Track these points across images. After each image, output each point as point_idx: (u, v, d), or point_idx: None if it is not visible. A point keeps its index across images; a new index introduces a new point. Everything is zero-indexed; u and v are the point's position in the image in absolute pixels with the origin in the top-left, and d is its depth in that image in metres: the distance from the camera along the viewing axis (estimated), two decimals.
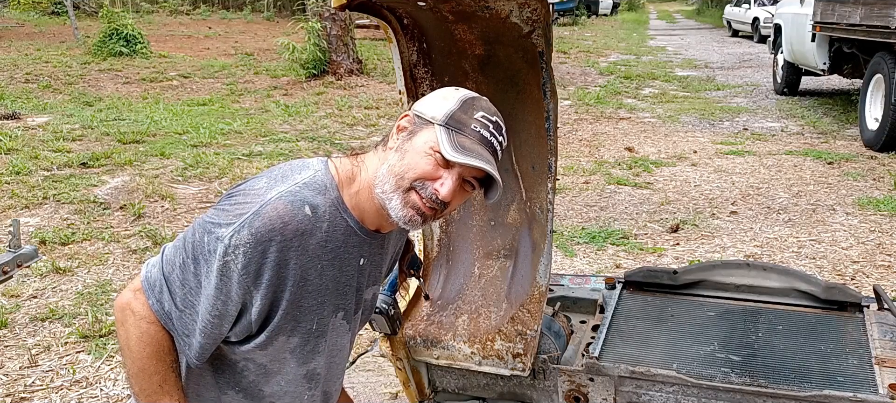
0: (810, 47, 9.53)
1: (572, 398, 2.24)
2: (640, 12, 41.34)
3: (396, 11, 2.11)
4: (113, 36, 14.68)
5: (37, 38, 17.44)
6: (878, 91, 7.81)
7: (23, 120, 9.10)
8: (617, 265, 4.71)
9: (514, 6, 1.87)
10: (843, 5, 8.30)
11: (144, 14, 23.38)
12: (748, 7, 22.88)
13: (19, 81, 11.92)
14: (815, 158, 7.42)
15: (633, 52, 19.10)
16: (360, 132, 9.08)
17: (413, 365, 2.37)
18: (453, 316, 2.31)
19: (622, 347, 2.38)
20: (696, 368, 2.22)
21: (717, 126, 9.38)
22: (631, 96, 11.91)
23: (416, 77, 2.26)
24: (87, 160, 7.14)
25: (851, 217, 5.57)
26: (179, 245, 1.44)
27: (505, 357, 2.20)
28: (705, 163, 7.36)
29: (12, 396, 3.28)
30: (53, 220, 5.56)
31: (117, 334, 1.48)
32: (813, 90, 11.77)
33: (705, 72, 14.82)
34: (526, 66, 2.06)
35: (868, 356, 2.24)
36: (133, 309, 1.43)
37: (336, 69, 12.90)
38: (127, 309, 1.43)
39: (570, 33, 24.12)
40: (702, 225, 5.45)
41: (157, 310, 1.42)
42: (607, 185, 6.58)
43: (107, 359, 3.57)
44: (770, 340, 2.39)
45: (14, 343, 3.75)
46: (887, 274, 4.50)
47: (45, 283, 4.46)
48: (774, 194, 6.22)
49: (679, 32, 27.17)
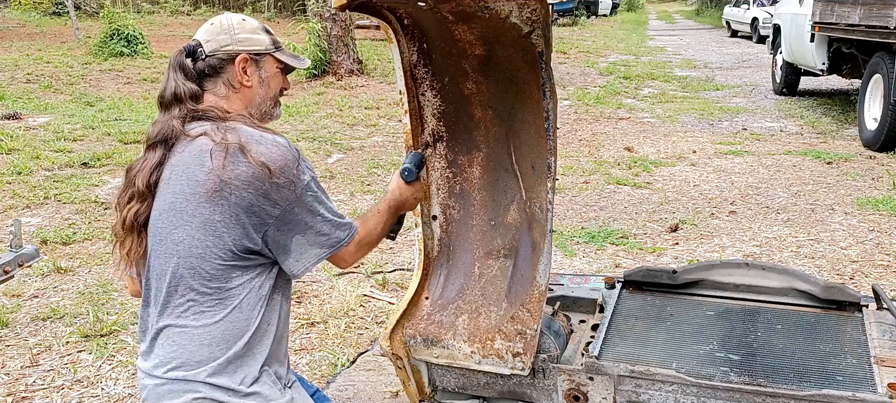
0: (809, 47, 9.53)
1: (572, 397, 2.25)
2: (639, 13, 41.35)
3: (396, 12, 2.12)
4: (114, 36, 14.70)
5: (38, 38, 17.45)
6: (876, 91, 7.82)
7: (24, 120, 9.11)
8: (616, 264, 4.72)
9: (514, 6, 1.88)
10: (842, 5, 8.31)
11: (145, 14, 23.40)
12: (747, 7, 22.90)
13: (20, 82, 11.93)
14: (814, 158, 7.42)
15: (632, 52, 19.11)
16: (360, 132, 9.09)
17: (413, 364, 2.37)
18: (453, 316, 2.32)
19: (622, 346, 2.39)
20: (695, 367, 2.23)
21: (717, 126, 9.38)
22: (630, 96, 11.91)
23: (416, 77, 2.27)
24: (89, 160, 7.16)
25: (850, 216, 5.58)
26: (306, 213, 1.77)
27: (505, 356, 2.21)
28: (704, 163, 7.37)
29: (14, 395, 3.29)
30: (55, 220, 5.57)
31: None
32: (812, 90, 11.78)
33: (704, 73, 14.83)
34: (526, 66, 2.07)
35: (867, 355, 2.25)
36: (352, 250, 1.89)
37: (336, 69, 12.92)
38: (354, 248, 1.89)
39: (569, 33, 24.13)
40: (701, 225, 5.46)
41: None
42: (607, 185, 6.59)
43: (108, 359, 3.58)
44: (769, 339, 2.40)
45: (15, 342, 3.76)
46: (886, 273, 4.51)
47: (47, 283, 4.47)
48: (773, 194, 6.23)
49: (678, 33, 27.17)
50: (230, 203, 1.68)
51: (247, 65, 1.85)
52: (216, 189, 1.67)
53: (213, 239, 1.70)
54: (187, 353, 1.71)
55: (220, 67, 1.83)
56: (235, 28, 1.86)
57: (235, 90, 1.85)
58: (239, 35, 1.85)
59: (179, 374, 1.70)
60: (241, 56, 1.84)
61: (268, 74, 1.90)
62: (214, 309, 1.72)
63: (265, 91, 1.90)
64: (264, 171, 1.68)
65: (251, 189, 1.68)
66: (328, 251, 1.82)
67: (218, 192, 1.68)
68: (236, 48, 1.84)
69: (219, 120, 1.76)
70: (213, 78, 1.84)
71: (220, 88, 1.84)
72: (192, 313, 1.72)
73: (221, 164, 1.68)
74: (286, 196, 1.72)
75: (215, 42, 1.83)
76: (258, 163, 1.68)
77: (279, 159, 1.71)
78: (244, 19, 1.89)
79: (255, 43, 1.87)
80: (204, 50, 1.83)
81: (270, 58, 1.90)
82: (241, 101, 1.86)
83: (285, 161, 1.71)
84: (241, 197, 1.68)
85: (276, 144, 1.73)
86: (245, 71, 1.85)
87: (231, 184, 1.67)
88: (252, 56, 1.86)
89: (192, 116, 1.77)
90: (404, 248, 4.98)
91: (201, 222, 1.70)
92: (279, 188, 1.70)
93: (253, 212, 1.70)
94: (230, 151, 1.68)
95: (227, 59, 1.84)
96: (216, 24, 1.87)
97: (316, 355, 3.61)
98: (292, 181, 1.72)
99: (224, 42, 1.83)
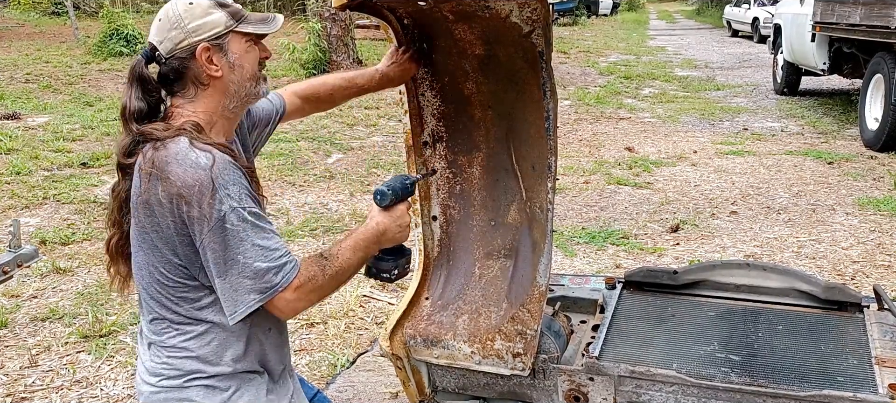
0: (810, 47, 9.53)
1: (572, 397, 2.25)
2: (639, 12, 41.35)
3: (396, 11, 2.11)
4: (113, 36, 14.66)
5: (37, 38, 17.44)
6: (877, 91, 7.81)
7: (23, 120, 9.10)
8: (617, 265, 4.71)
9: (514, 6, 1.87)
10: (843, 5, 8.31)
11: (145, 14, 23.32)
12: (748, 7, 22.89)
13: (19, 81, 11.92)
14: (815, 158, 7.42)
15: (632, 52, 19.11)
16: (360, 132, 9.08)
17: (413, 365, 2.37)
18: (453, 316, 2.31)
19: (622, 347, 2.38)
20: (695, 368, 2.22)
21: (717, 126, 9.38)
22: (631, 96, 11.91)
23: (416, 77, 2.26)
24: (88, 160, 7.15)
25: (851, 217, 5.58)
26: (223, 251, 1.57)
27: (505, 356, 2.20)
28: (705, 163, 7.37)
29: (13, 396, 3.28)
30: (54, 220, 5.56)
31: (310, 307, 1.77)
32: (813, 90, 11.77)
33: (705, 73, 14.83)
34: (526, 65, 2.06)
35: (868, 356, 2.24)
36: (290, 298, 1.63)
37: (336, 69, 12.92)
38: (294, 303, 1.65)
39: (570, 33, 24.13)
40: (702, 225, 5.45)
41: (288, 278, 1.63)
42: (607, 185, 6.58)
43: (107, 359, 3.58)
44: (770, 340, 2.39)
45: (14, 343, 3.75)
46: (887, 273, 4.51)
47: (46, 283, 4.46)
48: (774, 194, 6.23)
49: (679, 32, 27.17)
50: (161, 227, 1.57)
51: (210, 53, 1.63)
52: (146, 213, 1.58)
53: (165, 263, 1.61)
54: (176, 366, 1.68)
55: (182, 68, 1.64)
56: (184, 18, 1.62)
57: (205, 86, 1.65)
58: (190, 25, 1.62)
59: (172, 383, 1.68)
60: (199, 47, 1.62)
61: (237, 55, 1.67)
62: (193, 329, 1.66)
63: (239, 74, 1.68)
64: (178, 197, 1.53)
65: (171, 215, 1.55)
66: (259, 297, 1.58)
67: (148, 217, 1.58)
68: (192, 40, 1.62)
69: (157, 139, 1.58)
70: (180, 81, 1.66)
71: (188, 89, 1.66)
72: (170, 334, 1.68)
73: (145, 188, 1.56)
74: (201, 227, 1.54)
75: (168, 41, 1.63)
76: (173, 186, 1.53)
77: (192, 184, 1.52)
78: (191, 3, 1.64)
79: (211, 26, 1.63)
80: (161, 53, 1.63)
81: (234, 35, 1.66)
82: (214, 97, 1.67)
83: (198, 186, 1.52)
84: (167, 223, 1.56)
85: (195, 166, 1.53)
86: (210, 61, 1.64)
87: (154, 209, 1.56)
88: (212, 43, 1.63)
89: (139, 139, 1.61)
90: None
91: (149, 247, 1.61)
92: (192, 219, 1.54)
93: (183, 239, 1.58)
94: (152, 174, 1.54)
95: (187, 56, 1.63)
96: (164, 19, 1.64)
97: (315, 355, 3.60)
98: (204, 212, 1.52)
99: (177, 38, 1.62)
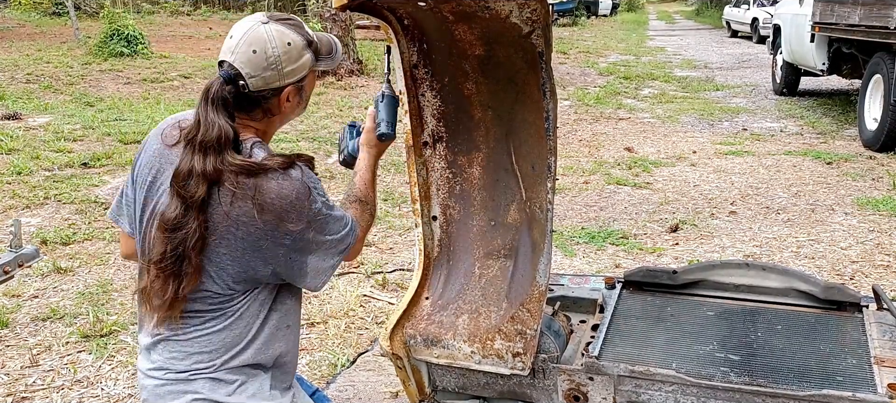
0: (809, 48, 9.53)
1: (572, 397, 2.25)
2: (639, 13, 41.38)
3: (397, 12, 2.11)
4: (114, 36, 14.67)
5: (38, 38, 17.44)
6: (877, 91, 7.82)
7: (24, 120, 9.10)
8: (616, 265, 4.72)
9: (514, 6, 1.88)
10: (842, 6, 8.31)
11: (145, 15, 23.38)
12: (747, 7, 22.91)
13: (20, 82, 11.92)
14: (815, 158, 7.42)
15: (632, 52, 19.11)
16: None
17: (413, 364, 2.37)
18: (453, 316, 2.32)
19: (622, 346, 2.39)
20: (695, 367, 2.23)
21: (717, 126, 9.39)
22: (630, 96, 11.92)
23: (416, 77, 2.27)
24: (89, 160, 7.15)
25: (850, 217, 5.58)
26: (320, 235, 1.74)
27: (505, 356, 2.21)
28: (704, 164, 7.37)
29: (13, 396, 3.29)
30: (54, 220, 5.56)
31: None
32: (812, 90, 11.78)
33: (704, 73, 14.83)
34: (526, 66, 2.06)
35: (867, 355, 2.25)
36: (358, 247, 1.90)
37: (336, 69, 12.90)
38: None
39: (569, 34, 24.13)
40: (701, 225, 5.46)
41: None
42: (607, 185, 6.59)
43: (108, 359, 3.58)
44: (769, 340, 2.40)
45: (15, 342, 3.75)
46: (886, 273, 4.51)
47: (47, 283, 4.47)
48: (773, 194, 6.23)
49: (678, 33, 27.17)
50: (236, 238, 1.65)
51: (291, 94, 1.74)
52: (223, 225, 1.63)
53: (217, 270, 1.68)
54: (187, 357, 1.71)
55: (261, 100, 1.72)
56: (282, 61, 1.68)
57: (273, 115, 1.77)
58: (286, 69, 1.69)
59: (179, 376, 1.70)
60: (287, 89, 1.72)
61: (307, 90, 1.81)
62: (217, 320, 1.72)
63: (302, 105, 1.82)
64: (274, 209, 1.63)
65: (256, 227, 1.64)
66: (341, 257, 1.80)
67: (225, 229, 1.64)
68: (284, 82, 1.71)
69: (271, 169, 1.66)
70: (254, 108, 1.73)
71: (257, 114, 1.74)
72: (192, 323, 1.72)
73: (230, 201, 1.62)
74: (299, 228, 1.68)
75: (260, 79, 1.68)
76: (267, 200, 1.63)
77: (290, 195, 1.65)
78: (289, 44, 1.69)
79: (301, 70, 1.73)
80: (247, 85, 1.68)
81: (311, 73, 1.78)
82: (276, 120, 1.80)
83: (297, 195, 1.66)
84: (248, 233, 1.64)
85: (289, 179, 1.65)
86: (288, 99, 1.75)
87: (238, 221, 1.63)
88: (296, 85, 1.74)
89: (254, 169, 1.66)
90: (404, 248, 4.98)
91: (208, 257, 1.66)
92: (290, 223, 1.66)
93: (259, 249, 1.67)
94: (239, 188, 1.62)
95: (273, 95, 1.72)
96: (260, 54, 1.66)
97: (316, 355, 3.61)
98: (303, 213, 1.67)
99: (271, 79, 1.69)
